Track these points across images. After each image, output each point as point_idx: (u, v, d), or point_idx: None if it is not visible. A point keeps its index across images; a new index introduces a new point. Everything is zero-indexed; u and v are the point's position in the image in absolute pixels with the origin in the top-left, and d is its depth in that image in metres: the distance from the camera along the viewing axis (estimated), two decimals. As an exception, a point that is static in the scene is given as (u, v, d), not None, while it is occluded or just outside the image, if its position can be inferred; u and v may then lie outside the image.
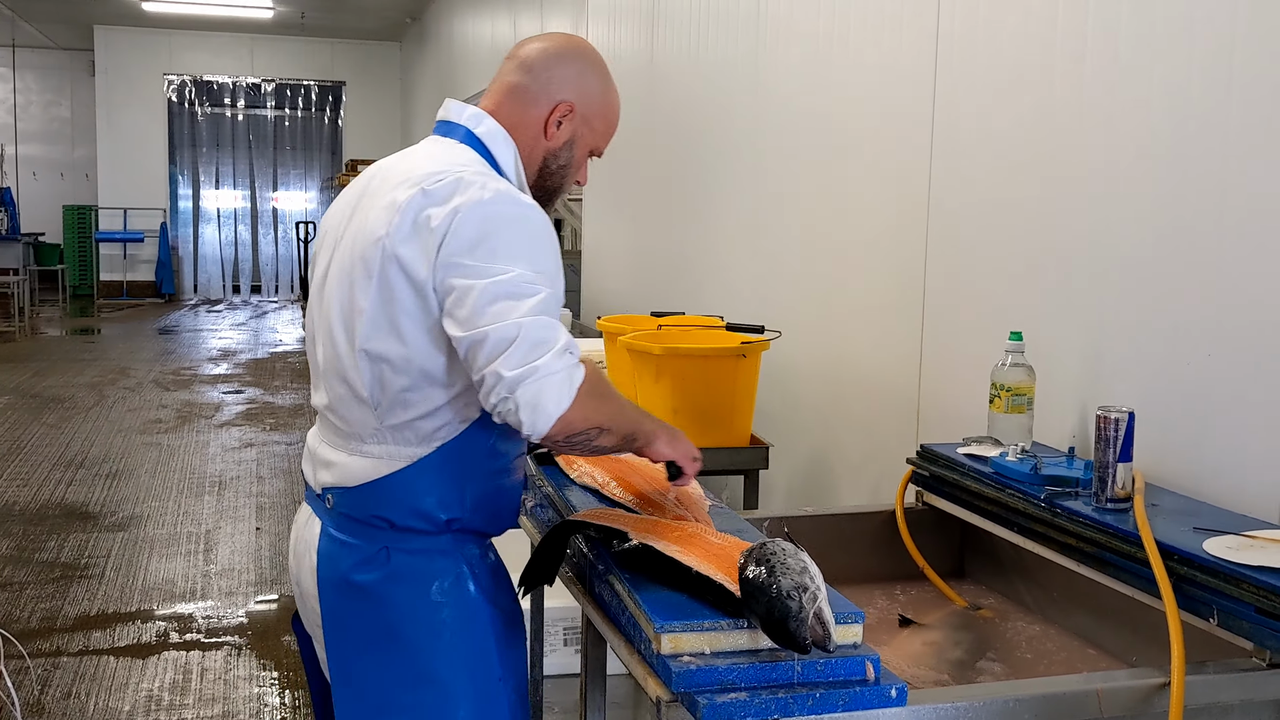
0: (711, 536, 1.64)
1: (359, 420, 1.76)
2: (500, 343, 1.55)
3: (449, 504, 1.75)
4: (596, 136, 1.88)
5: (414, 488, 1.74)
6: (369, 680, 1.77)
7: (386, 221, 1.69)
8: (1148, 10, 2.14)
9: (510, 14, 9.27)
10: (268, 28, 16.21)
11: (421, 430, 1.73)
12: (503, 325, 1.56)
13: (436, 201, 1.66)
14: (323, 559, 1.81)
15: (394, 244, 1.66)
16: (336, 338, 1.76)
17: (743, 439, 2.90)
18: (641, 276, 5.37)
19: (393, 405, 1.72)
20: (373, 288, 1.68)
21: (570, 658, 3.31)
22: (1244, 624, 1.60)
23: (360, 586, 1.76)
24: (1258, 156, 1.91)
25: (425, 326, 1.67)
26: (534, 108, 1.82)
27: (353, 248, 1.75)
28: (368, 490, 1.76)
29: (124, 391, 9.25)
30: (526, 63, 1.84)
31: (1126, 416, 1.90)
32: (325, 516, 1.83)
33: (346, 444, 1.79)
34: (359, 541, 1.77)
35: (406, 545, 1.76)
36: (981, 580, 2.36)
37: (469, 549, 1.80)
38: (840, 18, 3.30)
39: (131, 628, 4.40)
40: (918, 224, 2.88)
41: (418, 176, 1.72)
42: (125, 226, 16.60)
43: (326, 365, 1.80)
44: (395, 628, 1.75)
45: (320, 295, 1.82)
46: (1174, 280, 2.09)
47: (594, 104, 1.85)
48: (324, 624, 1.81)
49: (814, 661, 1.38)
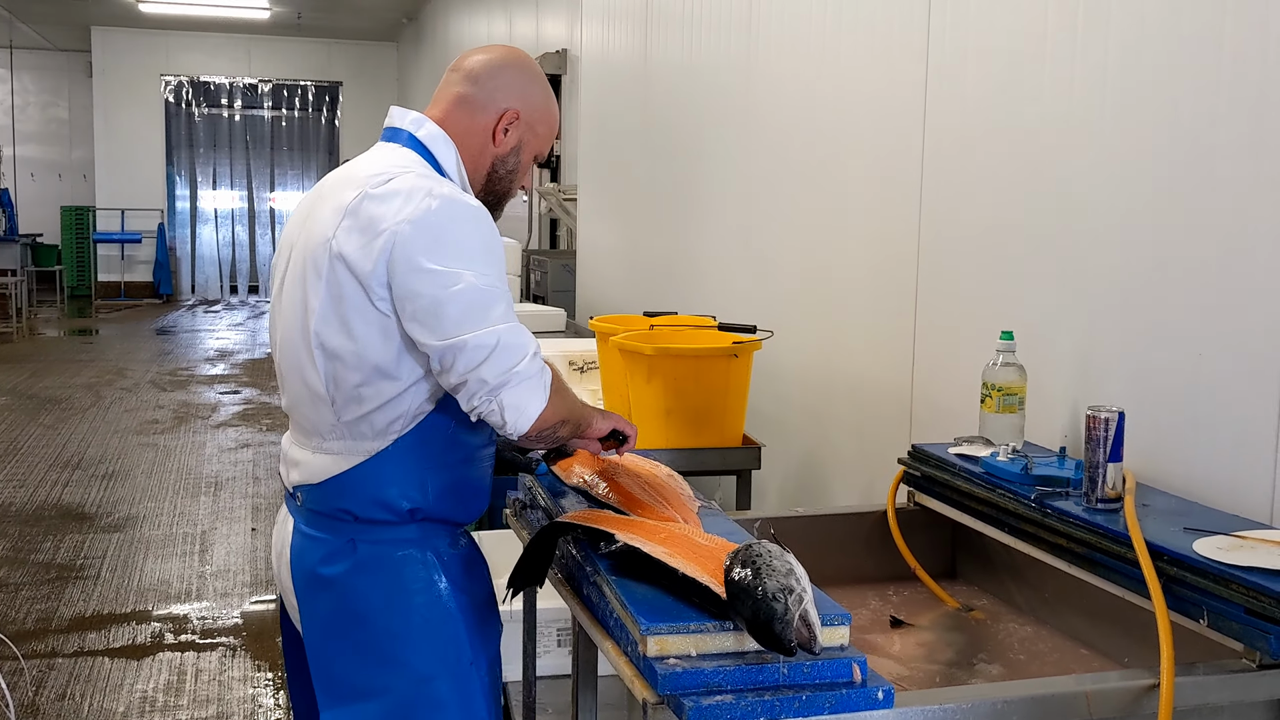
0: (698, 538, 1.64)
1: (318, 418, 1.84)
2: (479, 350, 1.67)
3: (410, 494, 1.82)
4: (539, 142, 1.97)
5: (373, 480, 1.81)
6: (344, 667, 1.84)
7: (333, 223, 1.76)
8: (1137, 12, 2.13)
9: (506, 14, 9.27)
10: (264, 28, 16.21)
11: (377, 424, 1.80)
12: (480, 334, 1.68)
13: (380, 200, 1.73)
14: (295, 555, 1.89)
15: (339, 244, 1.74)
16: (293, 339, 1.83)
17: (735, 439, 2.89)
18: (635, 276, 5.36)
19: (347, 401, 1.79)
20: (322, 287, 1.76)
21: (563, 659, 3.30)
22: (1234, 625, 1.59)
23: (328, 579, 1.84)
24: (1246, 158, 1.90)
25: (373, 322, 1.74)
26: (481, 115, 1.91)
27: (304, 251, 1.82)
28: (331, 485, 1.84)
29: (121, 392, 9.24)
30: (472, 74, 1.92)
31: (1116, 416, 1.89)
32: (297, 514, 1.91)
33: (309, 441, 1.88)
34: (326, 535, 1.85)
35: (372, 536, 1.83)
36: (973, 580, 2.35)
37: (436, 539, 1.87)
38: (832, 18, 3.30)
39: (127, 629, 4.40)
40: (909, 223, 2.87)
41: (360, 179, 1.80)
42: (123, 227, 16.59)
43: (287, 367, 1.88)
44: (365, 616, 1.82)
45: (277, 301, 1.90)
46: (1165, 280, 2.08)
47: (537, 111, 1.94)
48: (302, 617, 1.89)
49: (800, 664, 1.37)
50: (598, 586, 1.64)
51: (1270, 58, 1.85)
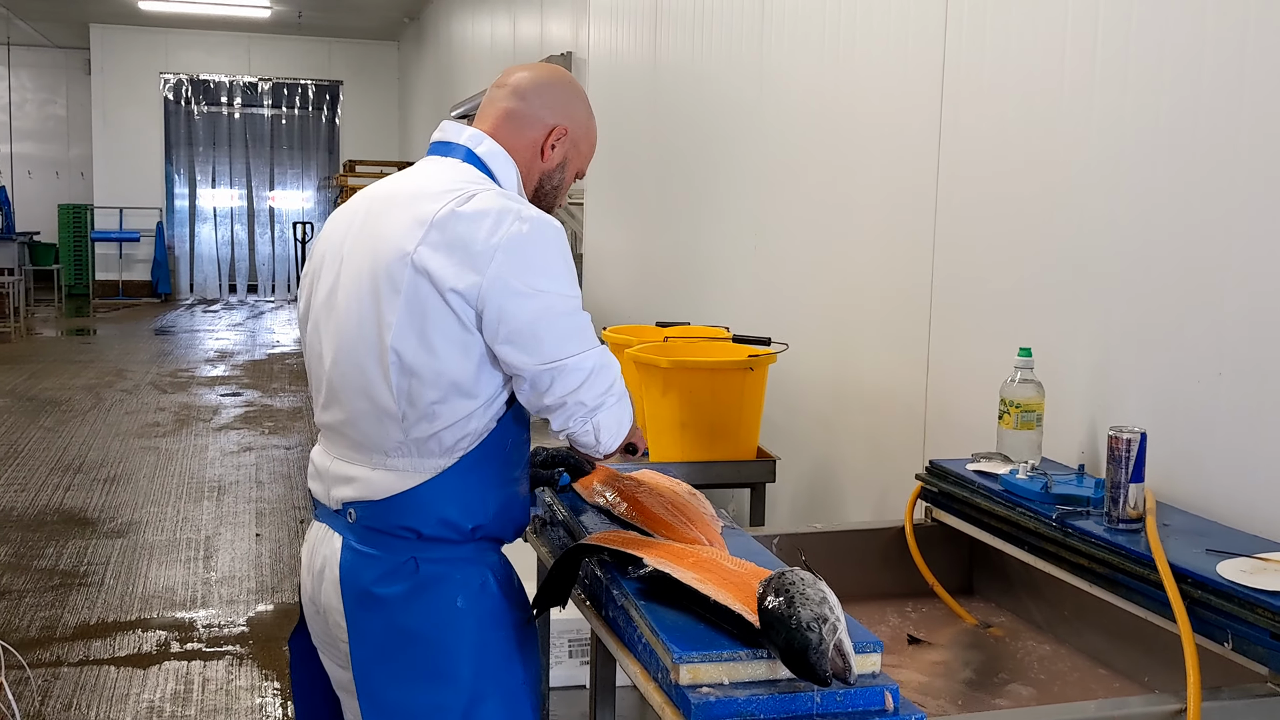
0: (727, 563, 1.63)
1: (381, 434, 1.80)
2: (579, 372, 1.74)
3: (473, 512, 1.82)
4: (582, 159, 2.00)
5: (440, 498, 1.80)
6: (396, 688, 1.81)
7: (414, 236, 1.73)
8: (1158, 27, 2.13)
9: (510, 15, 9.26)
10: (265, 27, 16.18)
11: (445, 441, 1.79)
12: (578, 357, 1.74)
13: (470, 220, 1.72)
14: (346, 572, 1.83)
15: (424, 259, 1.72)
16: (359, 354, 1.79)
17: (749, 452, 2.89)
18: (643, 282, 5.36)
19: (420, 418, 1.77)
20: (400, 302, 1.73)
21: (575, 670, 3.30)
22: (1259, 649, 1.59)
23: (383, 598, 1.80)
24: (1266, 176, 1.90)
25: (455, 339, 1.73)
26: (530, 131, 1.92)
27: (371, 263, 1.78)
28: (394, 502, 1.80)
29: (121, 394, 9.23)
30: (519, 90, 1.93)
31: (1139, 437, 1.90)
32: (347, 531, 1.85)
33: (368, 458, 1.83)
34: (383, 553, 1.81)
35: (434, 555, 1.81)
36: (990, 597, 2.35)
37: (490, 556, 1.87)
38: (846, 25, 3.29)
39: (132, 637, 4.39)
40: (924, 236, 2.87)
41: (438, 193, 1.77)
42: (121, 226, 16.56)
43: (342, 382, 1.83)
44: (420, 635, 1.80)
45: (328, 314, 1.85)
46: (1184, 298, 2.08)
47: (581, 128, 1.97)
48: (350, 637, 1.83)
49: (833, 692, 1.37)
50: (625, 610, 1.64)
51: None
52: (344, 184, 12.74)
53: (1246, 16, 1.94)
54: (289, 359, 11.34)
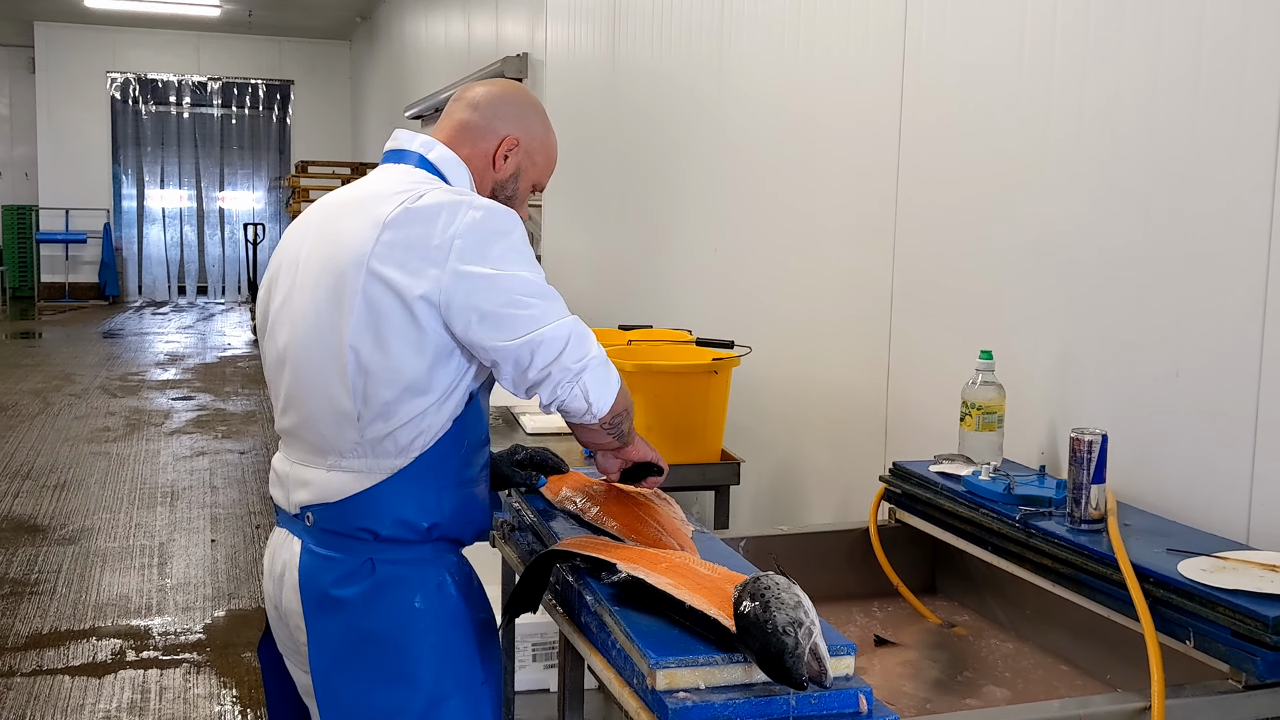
0: (700, 567, 1.64)
1: (338, 435, 1.82)
2: (556, 341, 1.75)
3: (429, 511, 1.83)
4: (538, 171, 2.03)
5: (396, 498, 1.82)
6: (353, 691, 1.82)
7: (369, 238, 1.76)
8: (1116, 26, 2.17)
9: (464, 15, 9.22)
10: (214, 25, 16.00)
11: (400, 441, 1.81)
12: (553, 326, 1.75)
13: (422, 216, 1.75)
14: (305, 575, 1.85)
15: (379, 262, 1.75)
16: (316, 356, 1.81)
17: (714, 455, 2.91)
18: (602, 285, 5.36)
19: (375, 417, 1.79)
20: (357, 303, 1.76)
21: (539, 673, 3.30)
22: (1220, 647, 1.62)
23: (342, 600, 1.82)
24: (1222, 186, 1.94)
25: (409, 338, 1.75)
26: (483, 141, 1.96)
27: (328, 266, 1.81)
28: (350, 504, 1.82)
29: (69, 398, 9.09)
30: (474, 102, 1.98)
31: (1100, 438, 1.93)
32: (306, 535, 1.87)
33: (323, 460, 1.85)
34: (342, 555, 1.83)
35: (391, 556, 1.83)
36: (953, 596, 2.38)
37: (448, 557, 1.88)
38: (806, 24, 3.32)
39: (86, 646, 4.33)
40: (885, 238, 2.90)
41: (390, 194, 1.81)
42: (67, 227, 16.29)
43: (299, 385, 1.85)
44: (378, 636, 1.81)
45: (286, 318, 1.87)
46: (1142, 301, 2.12)
47: (536, 140, 2.00)
48: (309, 639, 1.85)
49: (808, 696, 1.39)
50: (598, 616, 1.64)
51: (1246, 88, 1.89)
52: (296, 185, 12.62)
53: (1202, 14, 1.97)
54: (241, 362, 11.22)
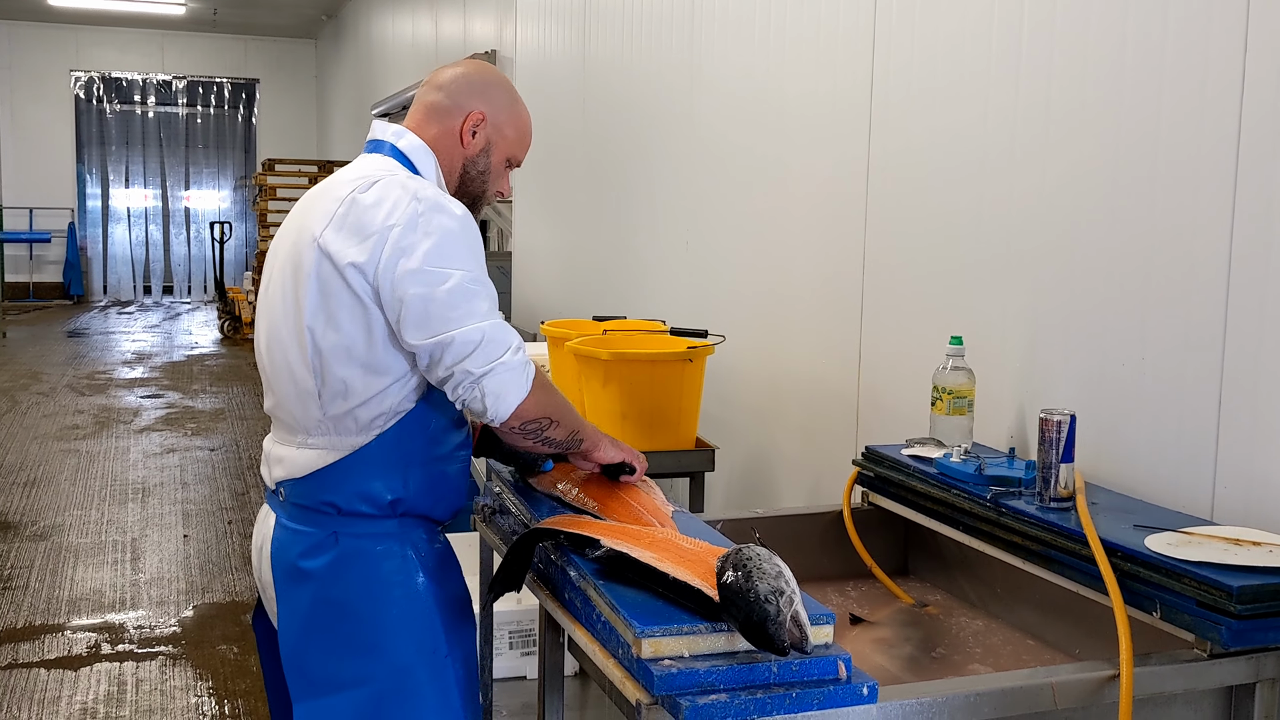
0: (682, 542, 1.68)
1: (304, 413, 1.90)
2: (466, 345, 1.77)
3: (393, 486, 1.89)
4: (510, 144, 2.06)
5: (357, 473, 1.88)
6: (320, 659, 1.88)
7: (321, 223, 1.85)
8: (1082, 10, 2.22)
9: (432, 12, 9.21)
10: (179, 24, 15.89)
11: (361, 419, 1.87)
12: (467, 329, 1.77)
13: (367, 203, 1.83)
14: (275, 548, 1.94)
15: (326, 241, 1.83)
16: (282, 335, 1.90)
17: (688, 442, 2.95)
18: (574, 278, 5.39)
19: (334, 396, 1.86)
20: (312, 282, 1.84)
21: (516, 660, 3.33)
22: (1185, 617, 1.67)
23: (308, 572, 1.89)
24: (1185, 175, 1.99)
25: (359, 318, 1.82)
26: (449, 119, 2.01)
27: (290, 253, 1.91)
28: (314, 479, 1.90)
29: (37, 397, 9.02)
30: (440, 84, 2.04)
31: (1069, 419, 1.98)
32: (279, 509, 1.96)
33: (294, 438, 1.94)
34: (309, 529, 1.90)
35: (354, 529, 1.89)
36: (925, 577, 2.43)
37: (415, 533, 1.94)
38: (776, 18, 3.36)
39: (61, 639, 4.32)
40: (855, 226, 2.94)
41: (346, 181, 1.90)
42: (31, 226, 16.15)
43: (272, 367, 1.94)
44: (344, 606, 1.88)
45: (265, 304, 1.97)
46: (1108, 286, 2.17)
47: (503, 113, 2.04)
48: (279, 610, 1.92)
49: (789, 662, 1.42)
50: (582, 591, 1.67)
51: (1210, 77, 1.94)
52: (263, 183, 12.56)
53: (1166, 11, 2.03)
54: (209, 360, 11.16)
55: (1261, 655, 1.65)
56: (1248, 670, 1.66)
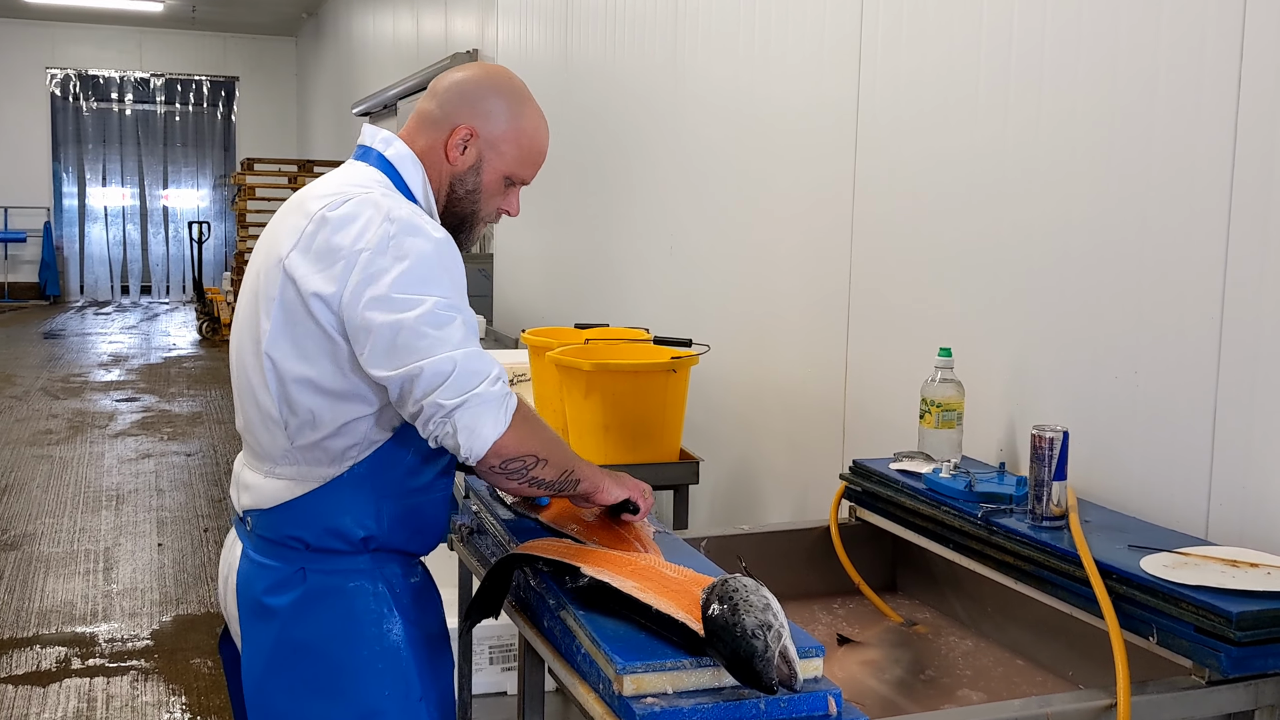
0: (666, 570, 1.62)
1: (271, 442, 1.79)
2: (436, 376, 1.61)
3: (364, 522, 1.77)
4: (508, 162, 1.88)
5: (327, 507, 1.76)
6: (285, 702, 1.77)
7: (288, 244, 1.72)
8: (1073, 28, 2.17)
9: (413, 11, 9.14)
10: (157, 21, 15.76)
11: (331, 450, 1.75)
12: (436, 360, 1.61)
13: (336, 224, 1.69)
14: (241, 582, 1.83)
15: (292, 266, 1.70)
16: (246, 360, 1.79)
17: (672, 454, 2.89)
18: (557, 284, 5.33)
19: (301, 426, 1.74)
20: (275, 308, 1.72)
21: (496, 676, 3.27)
22: (1183, 642, 1.63)
23: (273, 609, 1.78)
24: (1177, 188, 1.95)
25: (325, 349, 1.70)
26: (436, 132, 1.86)
27: (259, 270, 1.78)
28: (282, 511, 1.78)
29: (10, 400, 8.90)
30: (436, 91, 1.89)
31: (1061, 435, 1.93)
32: (245, 539, 1.85)
33: (261, 465, 1.82)
34: (275, 563, 1.79)
35: (323, 565, 1.78)
36: (914, 594, 2.38)
37: (389, 569, 1.82)
38: (761, 23, 3.31)
39: (30, 654, 4.23)
40: (842, 236, 2.90)
41: (318, 196, 1.76)
42: (6, 226, 16.01)
43: (238, 389, 1.84)
44: (311, 647, 1.76)
45: (236, 320, 1.86)
46: (1100, 300, 2.13)
47: (499, 129, 1.86)
48: (243, 646, 1.83)
49: (777, 699, 1.37)
50: (562, 621, 1.61)
51: (1203, 94, 1.90)
52: (242, 182, 12.45)
53: (1160, 16, 1.98)
54: (186, 362, 11.05)
55: (1261, 681, 1.61)
56: (1247, 697, 1.62)
